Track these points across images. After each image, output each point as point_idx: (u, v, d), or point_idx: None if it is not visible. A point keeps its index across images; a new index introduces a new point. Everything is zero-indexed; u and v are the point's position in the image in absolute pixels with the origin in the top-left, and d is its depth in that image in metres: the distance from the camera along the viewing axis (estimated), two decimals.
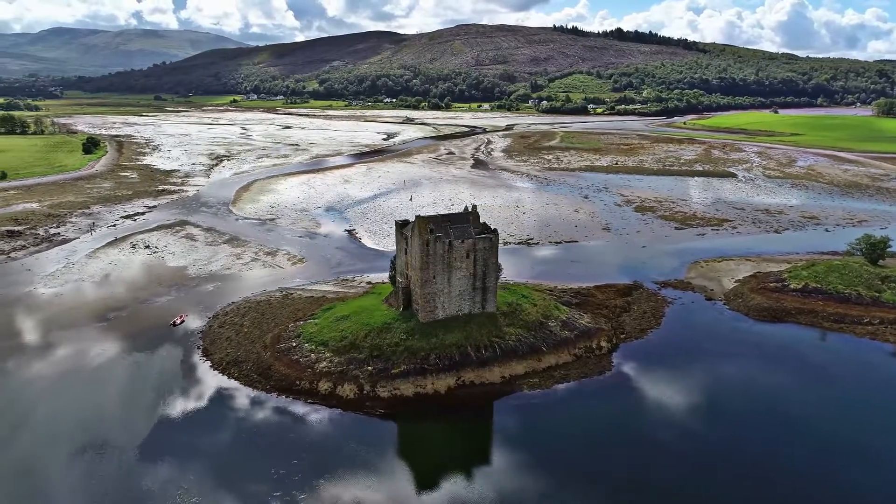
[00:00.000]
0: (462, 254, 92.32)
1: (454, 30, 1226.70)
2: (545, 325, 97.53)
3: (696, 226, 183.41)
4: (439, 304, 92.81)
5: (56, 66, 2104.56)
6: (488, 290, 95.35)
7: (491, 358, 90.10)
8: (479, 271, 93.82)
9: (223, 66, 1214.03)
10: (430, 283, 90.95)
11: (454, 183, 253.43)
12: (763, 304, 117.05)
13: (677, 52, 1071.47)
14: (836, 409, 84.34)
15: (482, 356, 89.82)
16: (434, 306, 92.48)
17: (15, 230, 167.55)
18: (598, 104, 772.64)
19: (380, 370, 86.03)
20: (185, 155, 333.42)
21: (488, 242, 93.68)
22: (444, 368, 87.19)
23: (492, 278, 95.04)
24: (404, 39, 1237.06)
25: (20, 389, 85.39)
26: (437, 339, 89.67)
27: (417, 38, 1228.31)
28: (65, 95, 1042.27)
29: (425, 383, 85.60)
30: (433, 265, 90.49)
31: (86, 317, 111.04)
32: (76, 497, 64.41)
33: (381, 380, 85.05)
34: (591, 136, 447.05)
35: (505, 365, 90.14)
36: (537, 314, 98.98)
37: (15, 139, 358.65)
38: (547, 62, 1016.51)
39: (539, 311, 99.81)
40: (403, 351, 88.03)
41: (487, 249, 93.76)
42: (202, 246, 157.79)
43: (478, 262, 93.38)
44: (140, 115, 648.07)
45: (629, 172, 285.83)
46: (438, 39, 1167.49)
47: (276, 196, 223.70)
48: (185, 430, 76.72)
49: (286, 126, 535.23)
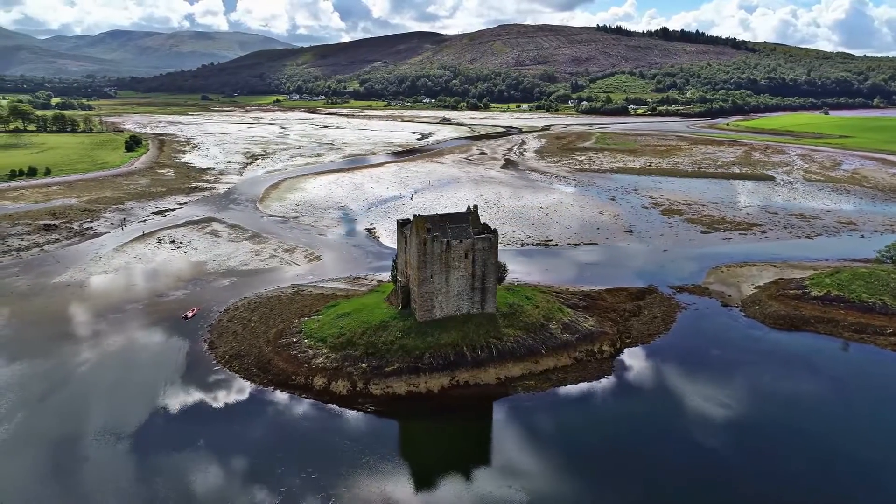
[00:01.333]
0: (460, 254, 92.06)
1: (495, 30, 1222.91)
2: (545, 328, 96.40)
3: (723, 230, 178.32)
4: (437, 304, 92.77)
5: (113, 67, 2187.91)
6: (487, 291, 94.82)
7: (487, 359, 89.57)
8: (477, 271, 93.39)
9: (268, 66, 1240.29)
10: (428, 282, 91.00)
11: (480, 183, 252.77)
12: (780, 311, 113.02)
13: (725, 52, 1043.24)
14: (847, 422, 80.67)
15: (478, 357, 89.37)
16: (431, 306, 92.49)
17: (51, 224, 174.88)
18: (640, 105, 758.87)
19: (374, 367, 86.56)
20: (222, 153, 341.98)
21: (487, 243, 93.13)
22: (438, 368, 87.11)
23: (491, 279, 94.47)
24: (445, 40, 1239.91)
25: (28, 373, 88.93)
26: (432, 338, 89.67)
27: (458, 38, 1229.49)
28: (118, 95, 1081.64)
29: (418, 382, 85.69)
30: (430, 264, 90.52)
31: (103, 307, 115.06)
32: (64, 476, 66.78)
33: (375, 377, 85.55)
34: (627, 138, 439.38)
35: (501, 366, 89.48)
36: (538, 316, 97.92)
37: (65, 137, 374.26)
38: (588, 62, 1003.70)
39: (540, 313, 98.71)
40: (398, 349, 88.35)
41: (487, 250, 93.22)
42: (224, 242, 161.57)
43: (476, 262, 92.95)
44: (186, 115, 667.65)
45: (662, 174, 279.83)
46: (479, 40, 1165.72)
47: (303, 194, 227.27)
48: (176, 420, 78.79)
49: (324, 126, 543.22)
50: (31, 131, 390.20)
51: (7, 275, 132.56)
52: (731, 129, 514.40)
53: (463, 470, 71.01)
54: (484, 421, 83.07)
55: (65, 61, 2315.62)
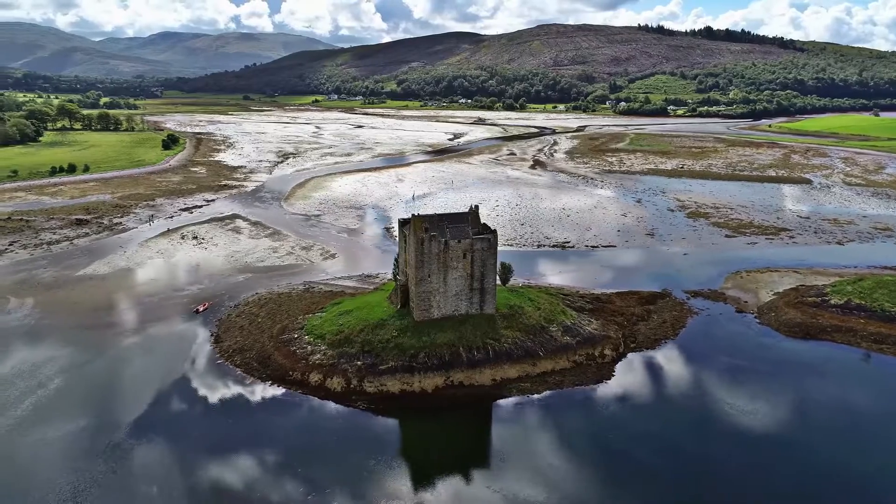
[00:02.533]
0: (458, 254, 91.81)
1: (534, 30, 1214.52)
2: (546, 330, 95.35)
3: (749, 234, 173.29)
4: (434, 304, 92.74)
5: (162, 67, 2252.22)
6: (486, 292, 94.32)
7: (483, 360, 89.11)
8: (476, 272, 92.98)
9: (308, 67, 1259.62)
10: (425, 281, 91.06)
11: (504, 184, 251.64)
12: (796, 319, 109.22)
13: (771, 51, 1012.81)
14: (855, 436, 77.40)
15: (473, 357, 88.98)
16: (429, 305, 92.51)
17: (83, 219, 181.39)
18: (679, 105, 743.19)
19: (368, 365, 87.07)
20: (255, 152, 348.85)
21: (486, 243, 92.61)
22: (432, 367, 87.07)
23: (490, 280, 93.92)
24: (483, 40, 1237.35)
25: (39, 361, 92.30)
26: (428, 337, 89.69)
27: (496, 38, 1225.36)
28: (164, 95, 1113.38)
29: (412, 381, 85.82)
30: (428, 264, 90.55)
31: (122, 300, 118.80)
32: (61, 461, 69.17)
33: (369, 375, 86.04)
34: (662, 139, 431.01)
35: (497, 368, 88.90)
36: (539, 318, 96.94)
37: (107, 135, 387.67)
38: (628, 62, 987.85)
39: (541, 315, 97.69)
40: (393, 348, 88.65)
41: (486, 250, 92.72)
42: (245, 239, 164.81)
43: (475, 262, 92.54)
44: (226, 114, 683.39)
45: (693, 177, 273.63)
46: (518, 40, 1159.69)
47: (328, 193, 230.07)
48: (168, 411, 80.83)
49: (358, 126, 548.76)
50: (77, 129, 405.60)
51: (35, 266, 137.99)
52: (773, 131, 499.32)
53: (449, 470, 70.92)
54: (476, 422, 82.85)
55: (117, 62, 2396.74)
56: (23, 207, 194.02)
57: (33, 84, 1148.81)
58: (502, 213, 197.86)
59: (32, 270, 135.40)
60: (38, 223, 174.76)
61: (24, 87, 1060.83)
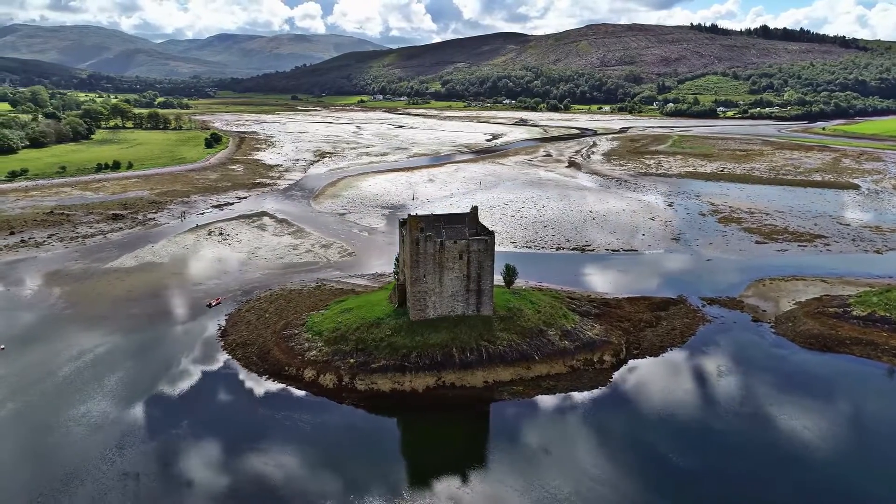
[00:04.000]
0: (454, 254, 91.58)
1: (582, 30, 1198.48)
2: (543, 333, 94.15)
3: (781, 240, 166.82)
4: (430, 304, 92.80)
5: (218, 68, 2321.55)
6: (483, 293, 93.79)
7: (475, 361, 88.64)
8: (472, 273, 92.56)
9: (356, 67, 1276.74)
10: (421, 281, 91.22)
11: (534, 185, 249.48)
12: (814, 330, 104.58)
13: (831, 51, 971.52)
14: (862, 455, 73.70)
15: (466, 359, 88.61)
16: (424, 305, 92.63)
17: (120, 214, 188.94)
18: (730, 107, 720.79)
19: (361, 363, 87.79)
20: (293, 151, 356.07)
21: (483, 244, 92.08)
22: (424, 367, 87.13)
23: (487, 281, 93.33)
24: (529, 40, 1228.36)
25: (53, 350, 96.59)
26: (421, 337, 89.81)
27: (543, 39, 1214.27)
28: (217, 95, 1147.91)
29: (403, 380, 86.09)
30: (423, 264, 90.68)
31: (141, 292, 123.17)
32: (56, 442, 72.34)
33: (361, 373, 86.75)
34: (706, 141, 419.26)
35: (490, 370, 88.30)
36: (537, 321, 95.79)
37: (155, 133, 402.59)
38: (678, 62, 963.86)
39: (541, 318, 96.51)
40: (386, 346, 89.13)
41: (482, 252, 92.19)
42: (268, 236, 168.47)
43: (472, 263, 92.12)
44: (272, 114, 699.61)
45: (732, 180, 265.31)
46: (565, 40, 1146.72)
47: (357, 192, 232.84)
48: (164, 399, 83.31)
49: (398, 126, 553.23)
50: (128, 128, 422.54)
51: (68, 258, 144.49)
52: (827, 134, 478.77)
53: (432, 470, 70.94)
54: (463, 423, 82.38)
55: (176, 63, 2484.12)
56: (66, 202, 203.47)
57: (97, 84, 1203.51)
58: (526, 214, 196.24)
59: (65, 262, 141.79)
60: (77, 217, 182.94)
61: (88, 87, 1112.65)
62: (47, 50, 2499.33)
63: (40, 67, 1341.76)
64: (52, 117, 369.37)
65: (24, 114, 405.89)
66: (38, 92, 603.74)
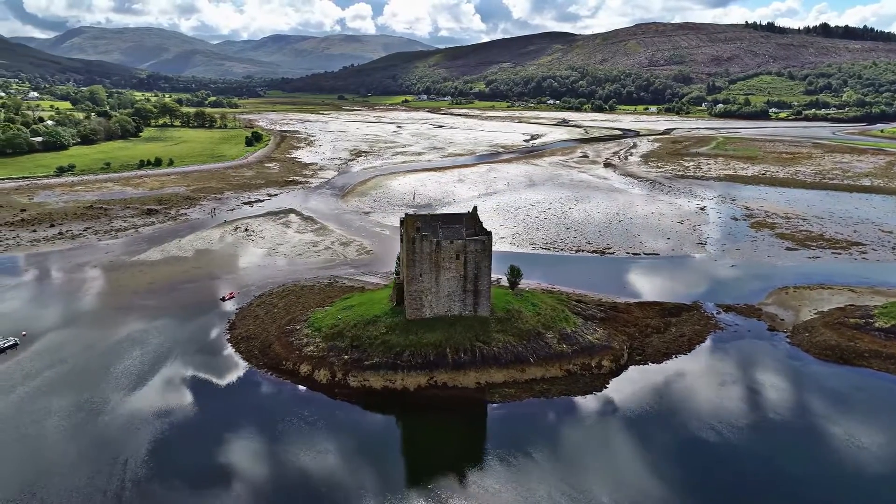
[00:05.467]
0: (451, 254, 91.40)
1: (631, 29, 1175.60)
2: (541, 336, 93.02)
3: (814, 247, 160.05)
4: (426, 303, 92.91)
5: (270, 69, 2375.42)
6: (481, 294, 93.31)
7: (468, 362, 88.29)
8: (470, 273, 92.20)
9: (401, 68, 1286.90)
10: (417, 280, 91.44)
11: (564, 186, 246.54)
12: (831, 341, 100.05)
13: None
14: (871, 476, 70.24)
15: (459, 359, 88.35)
16: (420, 304, 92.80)
17: (154, 209, 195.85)
18: (783, 108, 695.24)
19: (354, 360, 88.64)
20: (330, 150, 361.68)
21: (480, 245, 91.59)
22: (416, 366, 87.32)
23: (485, 281, 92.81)
24: (577, 40, 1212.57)
25: (69, 338, 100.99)
26: (415, 336, 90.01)
27: (590, 38, 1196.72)
28: (267, 94, 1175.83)
29: (395, 378, 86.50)
30: (419, 263, 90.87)
31: (161, 284, 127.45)
32: (52, 423, 75.68)
33: (354, 369, 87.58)
34: (753, 143, 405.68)
35: (483, 371, 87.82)
36: (535, 323, 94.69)
37: (200, 132, 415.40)
38: (730, 62, 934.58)
39: (539, 321, 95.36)
40: (380, 344, 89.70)
41: (479, 252, 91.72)
42: (291, 233, 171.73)
43: (469, 264, 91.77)
44: (317, 113, 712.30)
45: (773, 184, 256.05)
46: (612, 39, 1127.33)
47: (385, 191, 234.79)
48: (162, 388, 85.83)
49: (438, 126, 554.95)
50: (176, 126, 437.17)
51: (99, 251, 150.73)
52: (885, 137, 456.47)
53: (414, 469, 71.33)
54: (451, 424, 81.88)
55: (231, 63, 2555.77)
56: (106, 197, 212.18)
57: (154, 84, 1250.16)
58: (551, 216, 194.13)
59: (95, 254, 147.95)
60: (114, 212, 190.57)
61: (145, 87, 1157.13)
62: (111, 51, 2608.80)
63: (102, 67, 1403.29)
64: (104, 115, 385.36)
65: (80, 112, 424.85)
66: (96, 91, 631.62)
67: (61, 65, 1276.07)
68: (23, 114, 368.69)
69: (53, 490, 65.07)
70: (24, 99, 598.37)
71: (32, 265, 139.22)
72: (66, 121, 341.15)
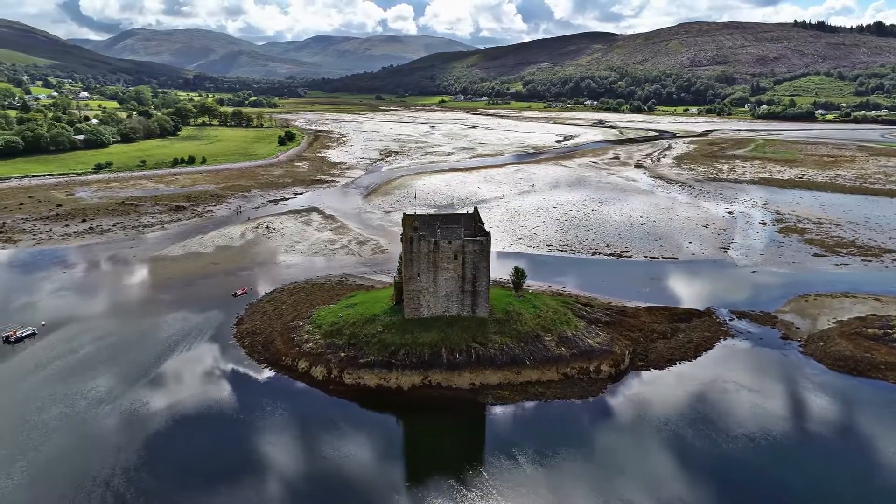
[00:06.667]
0: (449, 255, 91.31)
1: (674, 29, 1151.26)
2: (539, 339, 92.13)
3: (843, 254, 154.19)
4: (424, 303, 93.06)
5: (312, 69, 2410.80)
6: (479, 294, 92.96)
7: (464, 363, 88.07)
8: (468, 274, 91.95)
9: (439, 68, 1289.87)
10: (414, 280, 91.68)
11: (591, 188, 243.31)
12: (845, 351, 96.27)
13: None
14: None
15: (454, 360, 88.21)
16: (418, 304, 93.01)
17: (182, 206, 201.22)
18: (830, 109, 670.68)
19: (350, 358, 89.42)
20: (361, 150, 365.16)
21: (478, 245, 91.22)
22: (411, 365, 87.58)
23: (483, 282, 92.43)
24: (617, 40, 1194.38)
25: (78, 331, 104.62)
26: (411, 335, 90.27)
27: (631, 38, 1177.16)
28: (307, 94, 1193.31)
29: (389, 377, 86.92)
30: (417, 263, 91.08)
31: (178, 279, 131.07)
32: (54, 410, 78.57)
33: (349, 367, 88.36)
34: (794, 146, 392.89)
35: (477, 372, 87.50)
36: (534, 325, 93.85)
37: (236, 131, 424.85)
38: (776, 62, 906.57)
39: (538, 323, 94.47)
40: (376, 343, 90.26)
41: (477, 252, 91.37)
42: (311, 231, 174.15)
43: (467, 264, 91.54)
44: (353, 113, 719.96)
45: (809, 188, 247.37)
46: (654, 39, 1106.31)
47: (409, 191, 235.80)
48: (165, 380, 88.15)
49: (472, 126, 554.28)
50: (214, 125, 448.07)
51: (124, 246, 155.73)
52: None
53: (398, 468, 71.66)
54: (442, 424, 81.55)
55: (275, 64, 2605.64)
56: (138, 193, 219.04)
57: (199, 84, 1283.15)
58: (572, 217, 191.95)
59: (121, 249, 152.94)
60: (143, 208, 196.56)
61: (191, 87, 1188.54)
62: (161, 52, 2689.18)
63: (151, 68, 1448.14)
64: (145, 115, 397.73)
65: (124, 111, 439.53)
66: (141, 91, 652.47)
67: (112, 65, 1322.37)
68: (69, 113, 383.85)
69: (50, 476, 67.54)
70: (74, 98, 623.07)
71: (60, 258, 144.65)
72: (109, 120, 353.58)
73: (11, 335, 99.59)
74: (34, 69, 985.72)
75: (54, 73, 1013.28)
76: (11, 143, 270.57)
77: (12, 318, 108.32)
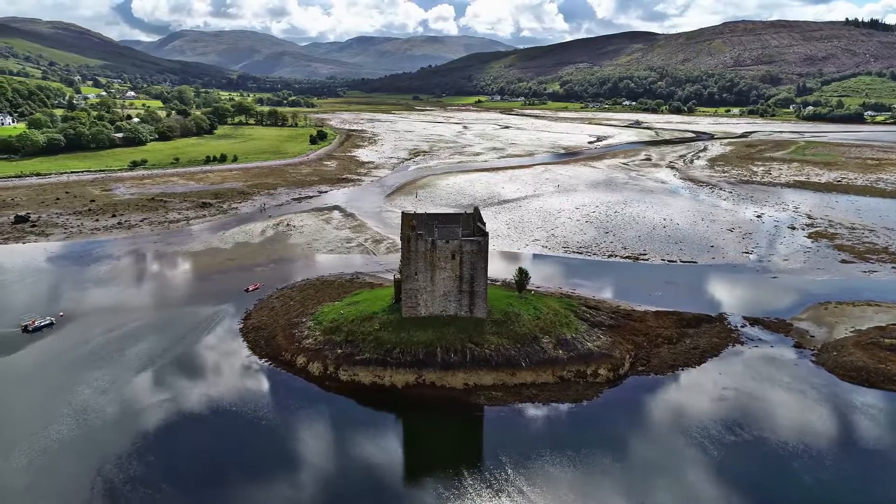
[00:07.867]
0: (446, 254, 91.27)
1: (718, 28, 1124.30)
2: (537, 341, 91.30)
3: (873, 261, 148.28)
4: (421, 302, 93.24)
5: (354, 69, 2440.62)
6: (476, 295, 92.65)
7: (458, 363, 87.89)
8: (465, 274, 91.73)
9: (477, 68, 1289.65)
10: (412, 279, 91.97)
11: (618, 189, 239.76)
12: (858, 362, 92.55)
13: None
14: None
15: (449, 359, 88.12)
16: (416, 303, 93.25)
17: (208, 202, 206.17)
18: (881, 111, 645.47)
19: (346, 354, 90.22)
20: (391, 149, 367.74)
21: (476, 245, 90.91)
22: (405, 364, 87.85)
23: (480, 282, 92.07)
24: (658, 39, 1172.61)
25: (88, 325, 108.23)
26: (406, 334, 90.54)
27: (673, 38, 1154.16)
28: (346, 94, 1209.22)
29: (384, 375, 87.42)
30: (415, 262, 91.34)
31: (195, 274, 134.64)
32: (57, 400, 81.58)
33: (345, 364, 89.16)
34: (837, 148, 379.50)
35: (472, 372, 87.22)
36: (533, 327, 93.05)
37: (270, 129, 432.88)
38: (825, 62, 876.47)
39: (537, 325, 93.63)
40: (372, 340, 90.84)
41: (475, 253, 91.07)
42: (330, 229, 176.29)
43: (464, 264, 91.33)
44: (388, 113, 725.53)
45: (847, 192, 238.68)
46: (697, 39, 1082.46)
47: (433, 191, 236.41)
48: (168, 372, 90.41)
49: (505, 126, 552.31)
50: (250, 124, 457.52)
51: (148, 241, 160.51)
52: None
53: (387, 465, 71.95)
54: (434, 423, 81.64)
55: (317, 64, 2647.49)
56: (168, 190, 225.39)
57: (242, 84, 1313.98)
58: (594, 219, 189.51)
59: (144, 244, 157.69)
60: (172, 204, 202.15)
61: (234, 87, 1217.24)
62: (208, 53, 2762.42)
63: (197, 69, 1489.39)
64: (183, 114, 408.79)
65: (164, 111, 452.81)
66: (184, 91, 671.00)
67: (160, 65, 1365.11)
68: (112, 112, 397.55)
69: (49, 466, 70.21)
70: (121, 97, 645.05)
71: (86, 252, 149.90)
72: (149, 118, 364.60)
73: (30, 324, 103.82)
74: (86, 69, 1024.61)
75: (105, 73, 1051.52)
76: (54, 141, 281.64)
77: (34, 308, 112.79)
